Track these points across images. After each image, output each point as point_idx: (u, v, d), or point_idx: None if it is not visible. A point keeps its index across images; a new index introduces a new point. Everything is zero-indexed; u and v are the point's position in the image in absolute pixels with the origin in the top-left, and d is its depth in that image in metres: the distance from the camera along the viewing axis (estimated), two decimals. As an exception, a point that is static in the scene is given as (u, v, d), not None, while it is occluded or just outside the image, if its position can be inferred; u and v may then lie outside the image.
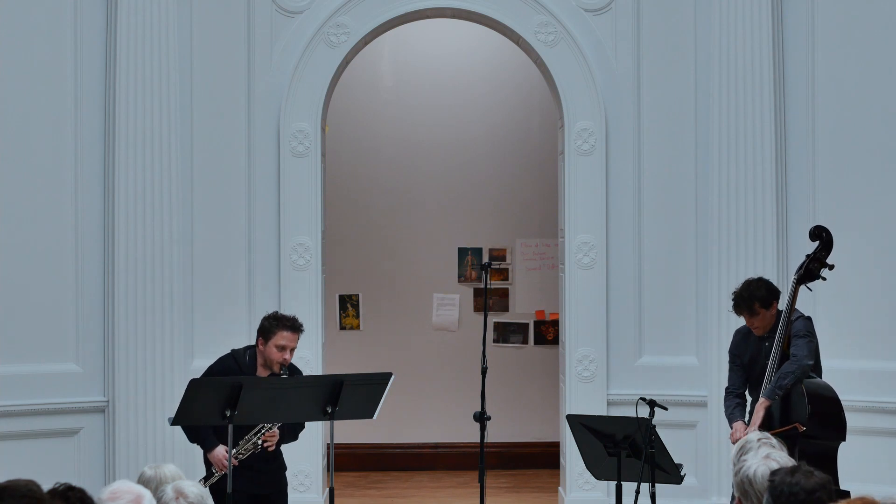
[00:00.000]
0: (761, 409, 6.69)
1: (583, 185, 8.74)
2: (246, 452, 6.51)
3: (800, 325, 6.84)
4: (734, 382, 7.09)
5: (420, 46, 10.93)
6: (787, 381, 6.66)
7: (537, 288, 11.02)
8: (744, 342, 7.06)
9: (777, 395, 6.67)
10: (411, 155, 11.03)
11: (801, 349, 6.74)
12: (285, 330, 6.57)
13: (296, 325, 6.62)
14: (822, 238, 7.00)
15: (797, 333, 6.80)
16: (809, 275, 6.98)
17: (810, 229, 7.13)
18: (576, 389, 8.71)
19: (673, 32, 8.70)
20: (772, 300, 6.88)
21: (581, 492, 8.65)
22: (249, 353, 6.68)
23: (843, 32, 8.41)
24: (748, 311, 6.87)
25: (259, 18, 8.69)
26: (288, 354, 6.56)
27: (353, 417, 6.42)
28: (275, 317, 6.66)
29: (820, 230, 7.04)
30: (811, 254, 7.00)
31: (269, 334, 6.57)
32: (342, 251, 10.83)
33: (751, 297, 6.85)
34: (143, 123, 8.37)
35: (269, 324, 6.62)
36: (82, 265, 8.40)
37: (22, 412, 8.22)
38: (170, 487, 4.30)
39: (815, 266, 6.97)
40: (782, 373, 6.68)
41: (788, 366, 6.70)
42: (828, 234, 6.99)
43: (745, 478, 4.01)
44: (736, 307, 6.93)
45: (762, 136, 8.42)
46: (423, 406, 10.92)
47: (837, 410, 6.77)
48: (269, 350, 6.56)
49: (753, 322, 6.90)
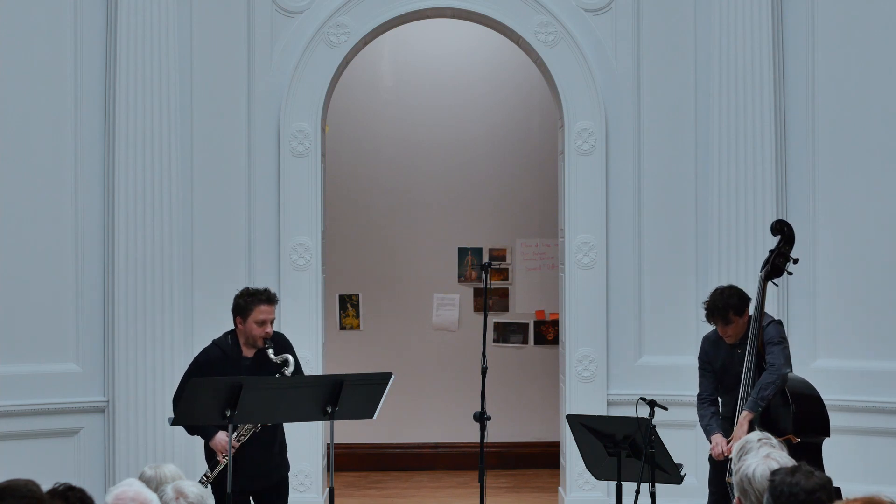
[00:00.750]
0: (745, 422, 6.58)
1: (583, 185, 8.74)
2: (247, 433, 6.50)
3: (772, 332, 6.77)
4: (706, 388, 6.99)
5: (420, 46, 10.93)
6: (769, 392, 6.59)
7: (537, 288, 11.02)
8: (714, 349, 6.97)
9: (760, 407, 6.59)
10: (411, 155, 11.03)
11: (777, 357, 6.67)
12: (262, 304, 6.59)
13: (270, 296, 6.64)
14: (783, 232, 6.93)
15: (771, 340, 6.73)
16: (776, 270, 6.93)
17: (772, 224, 7.07)
18: (576, 389, 8.71)
19: (673, 32, 8.70)
20: (744, 307, 6.80)
21: (581, 492, 8.65)
22: (231, 337, 6.68)
23: (843, 32, 8.41)
24: (722, 319, 6.77)
25: (259, 18, 8.69)
26: (269, 327, 6.57)
27: (353, 417, 6.42)
28: (248, 293, 6.68)
29: (781, 224, 6.99)
30: (774, 249, 6.93)
31: (247, 311, 6.58)
32: (342, 251, 10.83)
33: (725, 305, 6.75)
34: (143, 123, 8.37)
35: (243, 301, 6.63)
36: (82, 265, 8.39)
37: (22, 412, 8.21)
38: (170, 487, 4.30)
39: (780, 261, 6.91)
40: (763, 384, 6.60)
41: (767, 376, 6.62)
42: (789, 227, 6.95)
43: (745, 477, 4.02)
44: (709, 316, 6.82)
45: (762, 136, 8.42)
46: (423, 406, 10.92)
47: (820, 408, 6.74)
48: (249, 327, 6.57)
49: (727, 330, 6.80)
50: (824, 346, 8.41)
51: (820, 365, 8.34)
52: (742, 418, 6.63)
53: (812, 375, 8.21)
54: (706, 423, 6.94)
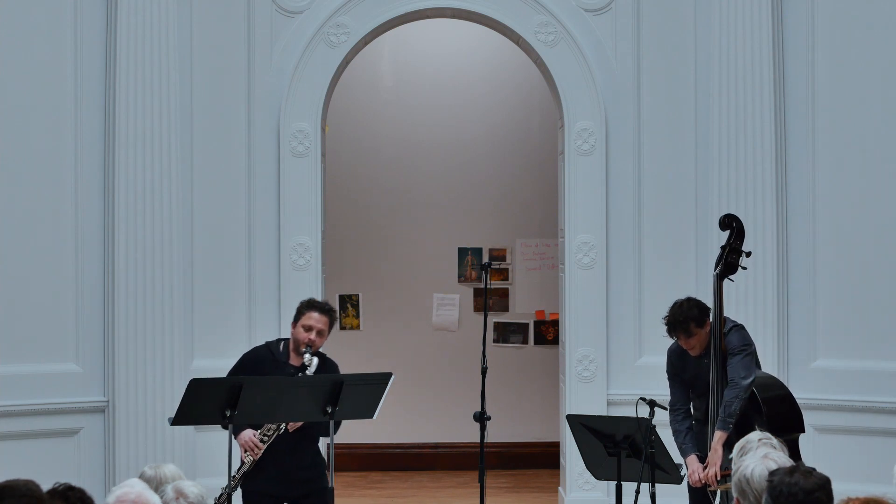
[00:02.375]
0: (719, 445, 6.50)
1: (583, 185, 8.74)
2: (270, 434, 6.49)
3: (734, 340, 6.66)
4: (678, 398, 6.89)
5: (420, 46, 10.94)
6: (734, 408, 6.50)
7: (537, 288, 11.02)
8: (680, 361, 6.87)
9: (730, 425, 6.49)
10: (411, 155, 11.03)
11: (736, 370, 6.57)
12: (314, 311, 6.60)
13: (325, 308, 6.65)
14: (732, 227, 6.81)
15: (732, 350, 6.63)
16: (730, 267, 6.81)
17: (720, 218, 6.94)
18: (576, 389, 8.71)
19: (673, 32, 8.70)
20: (705, 318, 6.69)
21: (581, 492, 8.65)
22: (284, 343, 6.72)
23: (843, 32, 8.41)
24: (685, 332, 6.67)
25: (259, 18, 8.69)
26: (314, 335, 6.54)
27: (353, 417, 6.42)
28: (308, 301, 6.74)
29: (730, 219, 6.85)
30: (725, 245, 6.81)
31: (300, 315, 6.62)
32: (342, 251, 10.83)
33: (686, 318, 6.65)
34: (143, 123, 8.37)
35: (301, 306, 6.68)
36: (82, 265, 8.39)
37: (22, 412, 8.21)
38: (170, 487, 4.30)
39: (733, 258, 6.78)
40: (727, 401, 6.51)
41: (730, 392, 6.52)
42: (738, 221, 6.82)
43: (743, 477, 4.02)
44: (671, 331, 6.73)
45: (762, 136, 8.42)
46: (423, 406, 10.92)
47: (791, 404, 6.67)
48: (297, 331, 6.59)
49: (690, 342, 6.70)
50: (824, 346, 8.41)
51: (820, 365, 8.35)
52: (715, 441, 6.54)
53: (812, 375, 8.24)
54: (681, 440, 6.82)
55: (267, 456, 6.48)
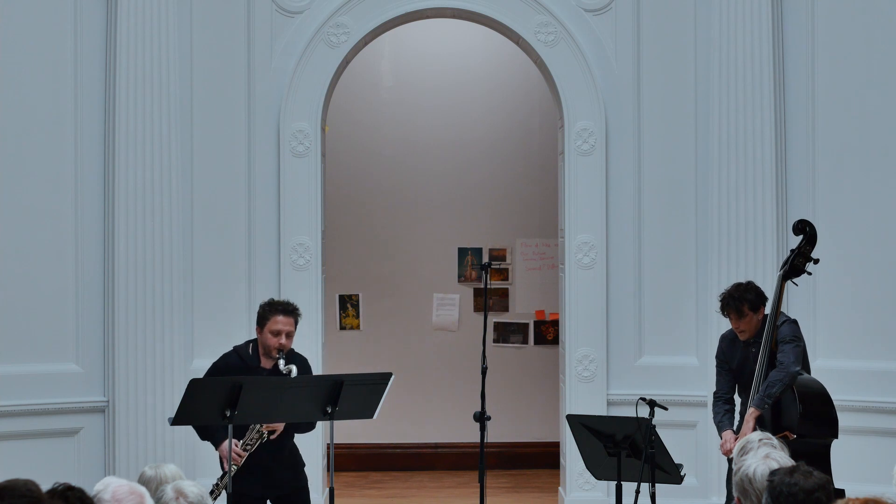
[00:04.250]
0: (751, 419, 6.63)
1: (583, 185, 8.74)
2: (253, 443, 6.49)
3: (786, 330, 6.79)
4: (722, 387, 7.04)
5: (420, 46, 10.93)
6: (776, 390, 6.63)
7: (537, 288, 11.02)
8: (731, 348, 7.00)
9: (766, 405, 6.63)
10: (411, 155, 11.03)
11: (787, 356, 6.70)
12: (279, 314, 6.56)
13: (289, 308, 6.61)
14: (805, 232, 6.93)
15: (783, 339, 6.75)
16: (795, 270, 6.93)
17: (794, 223, 7.07)
18: (576, 389, 8.71)
19: (673, 32, 8.70)
20: (760, 304, 6.83)
21: (581, 492, 8.65)
22: (252, 346, 6.69)
23: (843, 32, 8.41)
24: (736, 312, 6.80)
25: (259, 18, 8.69)
26: (284, 339, 6.54)
27: (353, 417, 6.42)
28: (269, 303, 6.68)
29: (804, 224, 6.98)
30: (795, 248, 6.95)
31: (264, 321, 6.58)
32: (342, 251, 10.83)
33: (741, 298, 6.80)
34: (143, 123, 8.37)
35: (262, 310, 6.63)
36: (82, 265, 8.40)
37: (22, 412, 8.22)
38: (170, 487, 4.30)
39: (800, 261, 6.91)
40: (770, 381, 6.64)
41: (776, 373, 6.66)
42: (811, 227, 6.94)
43: (745, 477, 4.02)
44: (724, 307, 6.86)
45: (762, 135, 8.42)
46: (423, 406, 10.92)
47: (828, 408, 6.75)
48: (265, 336, 6.56)
49: (740, 325, 6.83)
50: (824, 346, 8.41)
51: (820, 365, 8.33)
52: (748, 415, 6.68)
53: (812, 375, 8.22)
54: (719, 419, 6.99)
55: (249, 458, 6.48)
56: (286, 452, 6.69)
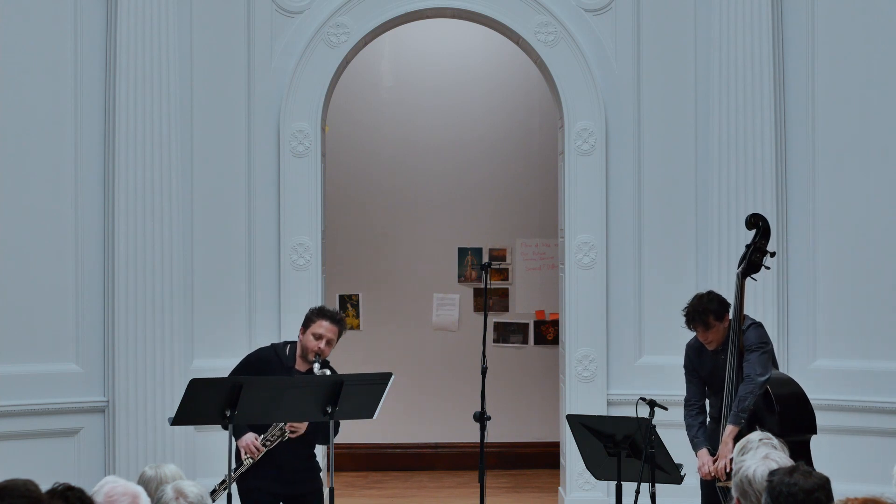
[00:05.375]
0: (730, 439, 6.55)
1: (583, 185, 8.74)
2: (274, 440, 6.49)
3: (752, 337, 6.72)
4: (693, 394, 6.97)
5: (420, 46, 10.93)
6: (748, 403, 6.57)
7: (537, 288, 11.02)
8: (698, 357, 6.93)
9: (742, 420, 6.56)
10: (411, 155, 11.03)
11: (753, 367, 6.63)
12: (325, 320, 6.56)
13: (336, 317, 6.60)
14: (759, 226, 6.88)
15: (749, 347, 6.69)
16: (753, 266, 6.87)
17: (746, 217, 7.01)
18: (576, 389, 8.71)
19: (673, 32, 8.70)
20: (724, 312, 6.74)
21: (581, 492, 8.65)
22: (290, 347, 6.68)
23: (843, 32, 8.41)
24: (703, 325, 6.72)
25: (259, 18, 8.69)
26: (323, 344, 6.52)
27: (353, 417, 6.42)
28: (319, 308, 6.68)
29: (756, 218, 6.92)
30: (750, 243, 6.88)
31: (310, 323, 6.58)
32: (342, 251, 10.83)
33: (704, 310, 6.71)
34: (143, 123, 8.37)
35: (311, 313, 6.63)
36: (82, 265, 8.39)
37: (22, 412, 8.21)
38: (170, 487, 4.30)
39: (756, 257, 6.85)
40: (741, 395, 6.58)
41: (745, 387, 6.59)
42: (764, 221, 6.89)
43: (745, 478, 4.01)
44: (689, 322, 6.77)
45: (762, 135, 8.42)
46: (423, 406, 10.92)
47: (804, 405, 6.72)
48: (306, 338, 6.55)
49: (707, 336, 6.75)
50: (824, 346, 8.41)
51: (820, 365, 8.35)
52: (726, 435, 6.61)
53: (812, 375, 8.22)
54: (693, 434, 6.92)
55: (264, 456, 6.48)
56: (304, 455, 6.68)
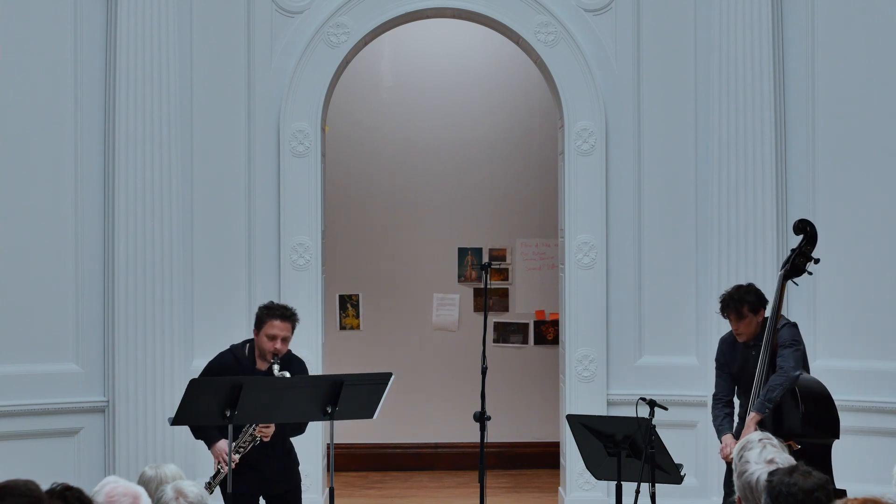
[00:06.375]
0: (752, 424, 6.62)
1: (583, 185, 8.74)
2: (246, 445, 6.50)
3: (785, 334, 6.79)
4: (722, 389, 7.04)
5: (420, 46, 10.93)
6: (776, 394, 6.63)
7: (537, 288, 11.02)
8: (730, 351, 7.00)
9: (767, 409, 6.63)
10: (411, 155, 11.03)
11: (787, 360, 6.70)
12: (275, 318, 6.55)
13: (286, 313, 6.59)
14: (806, 232, 6.94)
15: (783, 343, 6.75)
16: (795, 270, 6.93)
17: (794, 223, 7.08)
18: (576, 389, 8.71)
19: (673, 32, 8.70)
20: (759, 307, 6.83)
21: (581, 492, 8.65)
22: (248, 347, 6.68)
23: (843, 32, 8.41)
24: (736, 313, 6.80)
25: (259, 18, 8.69)
26: (279, 344, 6.53)
27: (352, 417, 6.42)
28: (267, 306, 6.66)
29: (804, 224, 6.99)
30: (796, 248, 6.95)
31: (261, 324, 6.58)
32: (342, 251, 10.83)
33: (741, 299, 6.80)
34: (143, 123, 8.37)
35: (260, 313, 6.63)
36: (82, 265, 8.40)
37: (22, 412, 8.22)
38: (170, 487, 4.30)
39: (800, 261, 6.91)
40: (770, 385, 6.64)
41: (776, 378, 6.66)
42: (812, 227, 6.95)
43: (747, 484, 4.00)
44: (724, 308, 6.86)
45: (762, 136, 8.42)
46: (423, 406, 10.92)
47: (830, 408, 6.75)
48: (260, 339, 6.56)
49: (739, 327, 6.83)
50: (824, 346, 8.41)
51: (820, 365, 8.33)
52: (749, 420, 6.68)
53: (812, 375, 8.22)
54: (718, 423, 6.99)
55: (243, 456, 6.49)
56: (280, 452, 6.70)
